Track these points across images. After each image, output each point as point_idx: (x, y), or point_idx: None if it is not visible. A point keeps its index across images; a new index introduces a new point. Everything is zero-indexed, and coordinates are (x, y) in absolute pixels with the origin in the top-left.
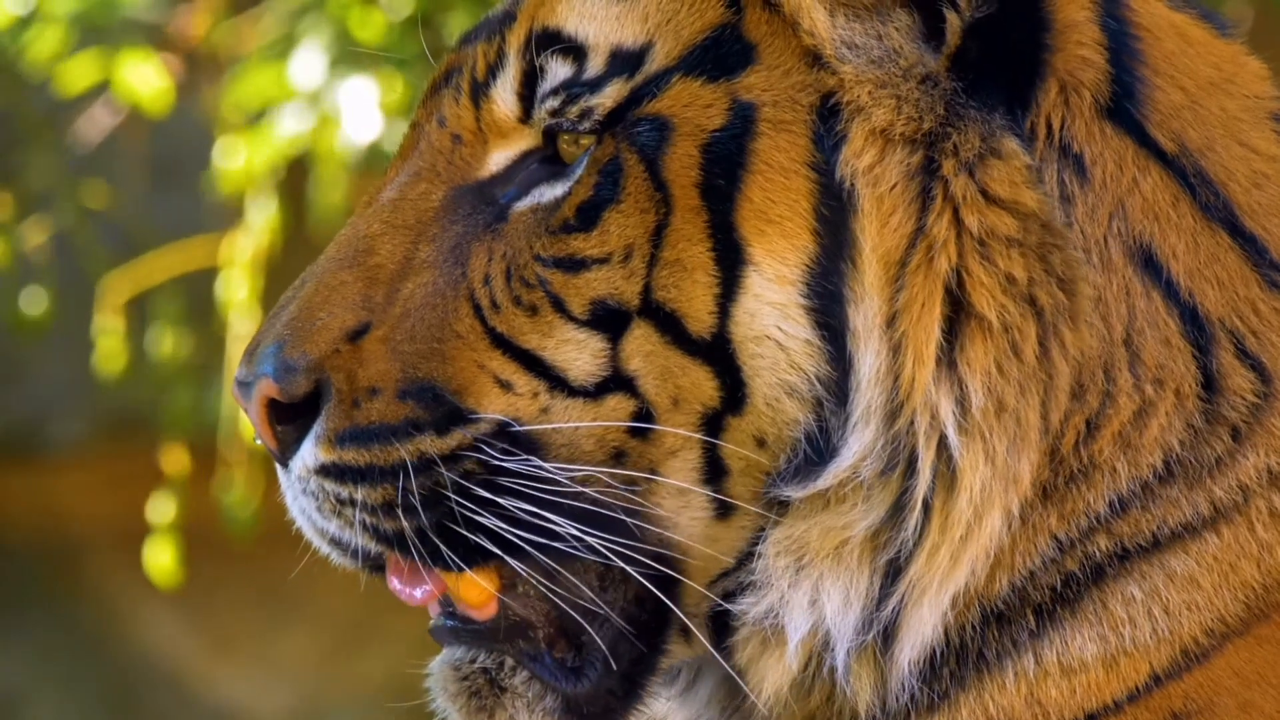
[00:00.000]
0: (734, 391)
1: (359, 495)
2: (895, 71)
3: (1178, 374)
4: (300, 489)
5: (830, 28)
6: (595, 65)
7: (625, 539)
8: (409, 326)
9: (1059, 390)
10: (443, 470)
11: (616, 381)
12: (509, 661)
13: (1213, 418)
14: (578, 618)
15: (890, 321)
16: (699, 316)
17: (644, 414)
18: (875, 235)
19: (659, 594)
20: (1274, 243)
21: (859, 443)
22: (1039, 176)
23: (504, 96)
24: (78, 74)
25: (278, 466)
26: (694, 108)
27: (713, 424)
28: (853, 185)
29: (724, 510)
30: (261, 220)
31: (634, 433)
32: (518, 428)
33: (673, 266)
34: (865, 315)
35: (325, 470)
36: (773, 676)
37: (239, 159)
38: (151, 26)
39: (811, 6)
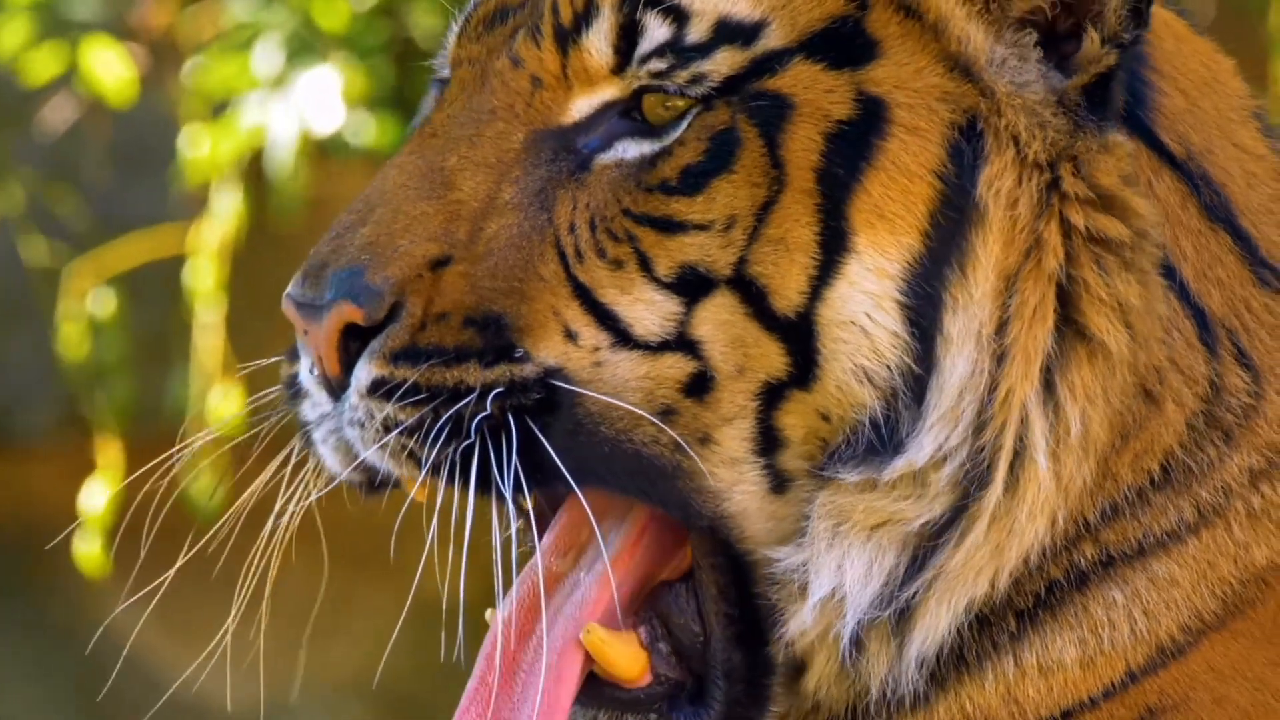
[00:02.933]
0: (805, 369)
1: (400, 415)
2: (1037, 92)
3: (1198, 377)
4: (349, 419)
5: (985, 41)
6: (699, 31)
7: (680, 507)
8: (492, 264)
9: (1127, 409)
10: (477, 402)
11: (680, 343)
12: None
13: (1211, 420)
14: (690, 643)
15: (1000, 329)
16: (788, 295)
17: (702, 377)
18: (999, 251)
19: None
20: (1264, 241)
21: (933, 444)
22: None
23: (598, 46)
24: (42, 64)
25: (315, 390)
26: (815, 92)
27: (774, 395)
28: (987, 204)
29: (779, 484)
30: (227, 209)
31: (688, 392)
32: (562, 375)
33: (775, 244)
34: (963, 323)
35: (375, 387)
36: (794, 625)
37: (204, 148)
38: (115, 16)
39: (964, 16)
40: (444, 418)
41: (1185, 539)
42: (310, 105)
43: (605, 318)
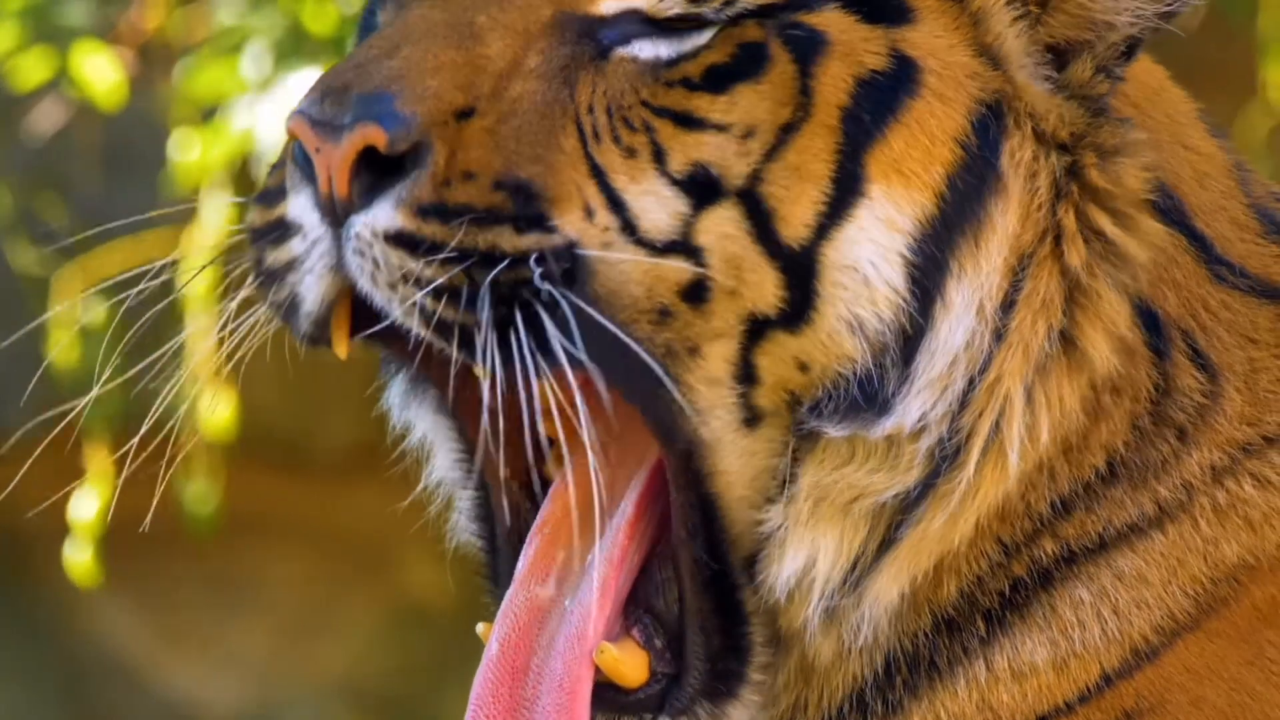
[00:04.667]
0: (799, 308)
1: (428, 273)
2: (1056, 81)
3: (1136, 382)
4: (354, 248)
5: (1017, 43)
6: None
7: (662, 421)
8: (516, 126)
9: (1082, 416)
10: (508, 269)
11: (684, 247)
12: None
13: (1160, 419)
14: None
15: (1004, 308)
16: (795, 225)
17: (700, 286)
18: (1016, 225)
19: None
20: (1219, 238)
21: (919, 409)
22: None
23: None
24: (31, 69)
25: (310, 221)
26: (851, 38)
27: (758, 330)
28: (1007, 173)
29: (752, 418)
30: (217, 213)
31: (685, 297)
32: (581, 251)
33: (790, 170)
34: (968, 292)
35: (398, 238)
36: (772, 585)
37: (194, 152)
38: (103, 20)
39: (1001, 11)
40: (478, 282)
41: (1149, 534)
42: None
43: (616, 204)
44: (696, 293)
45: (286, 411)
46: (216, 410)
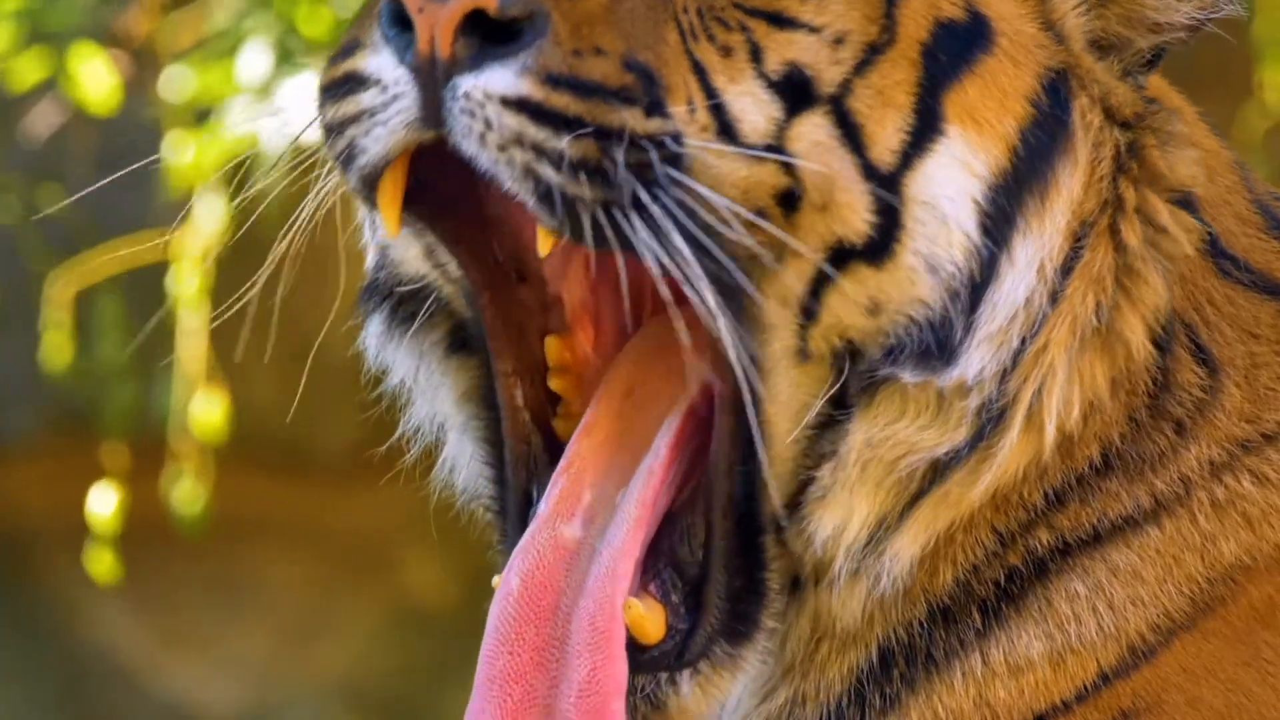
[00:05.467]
0: (883, 238)
1: (557, 144)
2: (1119, 60)
3: (1135, 374)
4: (461, 108)
5: (1077, 21)
6: None
7: (732, 329)
8: (629, 9)
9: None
10: (636, 150)
11: (778, 153)
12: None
13: (1158, 413)
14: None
15: (1063, 272)
16: (881, 148)
17: (792, 195)
18: (1079, 190)
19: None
20: (1224, 232)
21: (979, 362)
22: None
23: None
24: (27, 71)
25: (392, 77)
26: None
27: (842, 257)
28: (1077, 134)
29: (804, 353)
30: (210, 215)
31: (777, 204)
32: (688, 143)
33: (875, 92)
34: (1032, 250)
35: (522, 104)
36: (816, 537)
37: (188, 155)
38: (98, 23)
39: (1072, 6)
40: (611, 158)
41: (1144, 528)
42: (294, 112)
43: (716, 103)
44: (789, 200)
45: (285, 414)
46: (210, 411)
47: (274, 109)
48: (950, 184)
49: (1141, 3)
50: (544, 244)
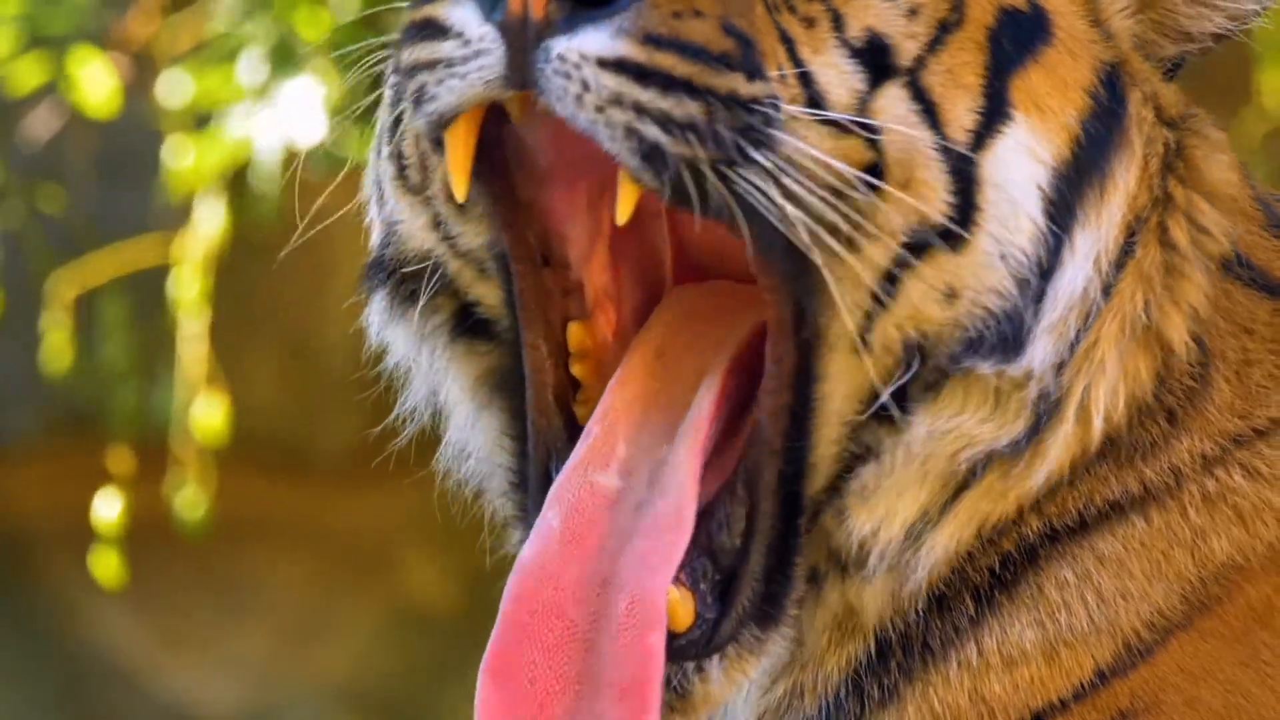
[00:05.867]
0: (961, 220)
1: (664, 105)
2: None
3: (1178, 372)
4: (555, 69)
5: (1123, 23)
6: None
7: (796, 306)
8: None
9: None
10: (743, 113)
11: (862, 126)
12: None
13: (1153, 400)
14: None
15: (1116, 266)
16: (956, 127)
17: (874, 169)
18: (1134, 185)
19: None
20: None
21: (1042, 352)
22: None
23: None
24: (27, 75)
25: (475, 32)
26: None
27: (921, 243)
28: (1133, 127)
29: (867, 340)
30: (210, 219)
31: (860, 179)
32: (782, 109)
33: (947, 71)
34: (1090, 242)
35: (622, 65)
36: (857, 528)
37: (188, 159)
38: (98, 26)
39: (1120, 8)
40: (715, 120)
41: (1130, 517)
42: (293, 117)
43: (803, 73)
44: (872, 174)
45: (286, 415)
46: (211, 414)
47: (273, 112)
48: (1019, 169)
49: (1176, 10)
50: (624, 208)
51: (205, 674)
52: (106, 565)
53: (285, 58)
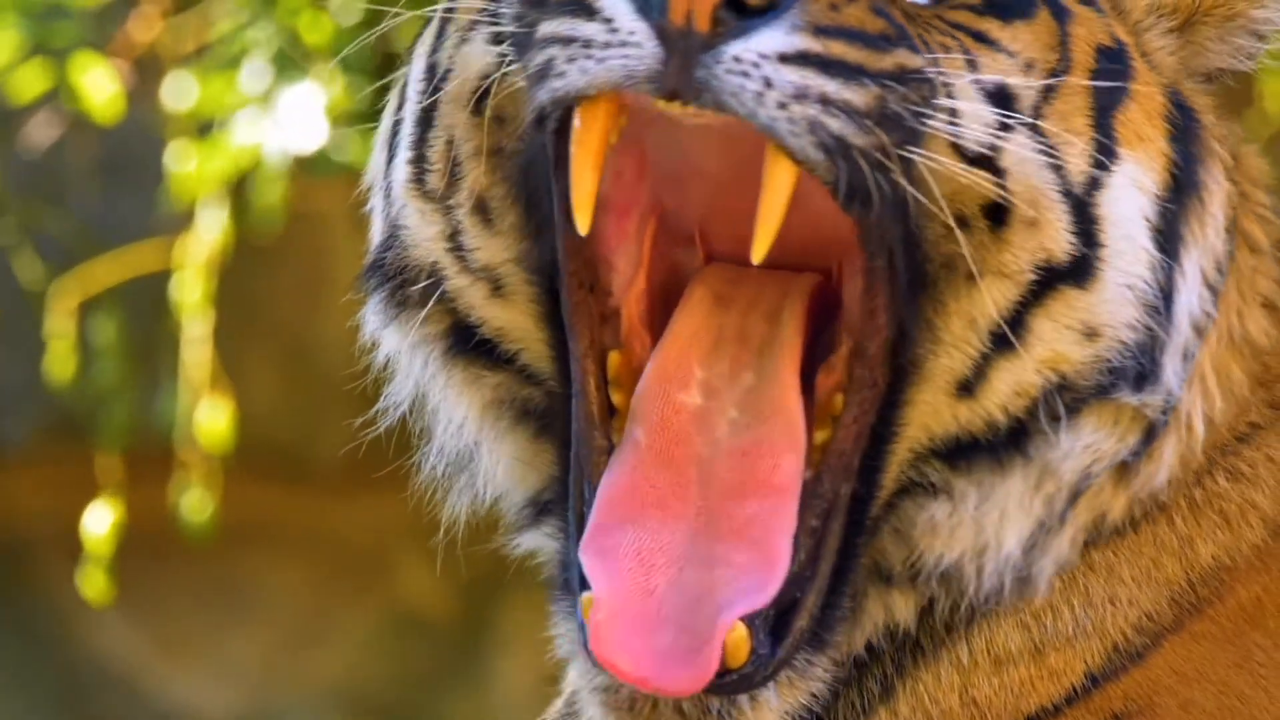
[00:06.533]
0: (1086, 260)
1: (847, 94)
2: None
3: (1270, 368)
4: (727, 70)
5: (1169, 57)
6: None
7: (899, 327)
8: None
9: None
10: (917, 86)
11: (990, 162)
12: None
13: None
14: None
15: (1219, 272)
16: (1073, 170)
17: (1000, 208)
18: (1225, 185)
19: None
20: None
21: (1175, 374)
22: None
23: None
24: (29, 81)
25: (629, 25)
26: (1083, 12)
27: (1048, 280)
28: (1211, 143)
29: (969, 388)
30: (213, 224)
31: (986, 213)
32: (941, 86)
33: (1061, 117)
34: (1196, 259)
35: (801, 57)
36: (960, 554)
37: (190, 164)
38: (99, 32)
39: (1155, 25)
40: (889, 104)
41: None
42: (294, 123)
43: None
44: (997, 214)
45: (284, 421)
46: (214, 419)
47: (275, 118)
48: (1130, 203)
49: (1206, 50)
50: (761, 247)
51: (203, 679)
52: (94, 584)
53: (288, 63)
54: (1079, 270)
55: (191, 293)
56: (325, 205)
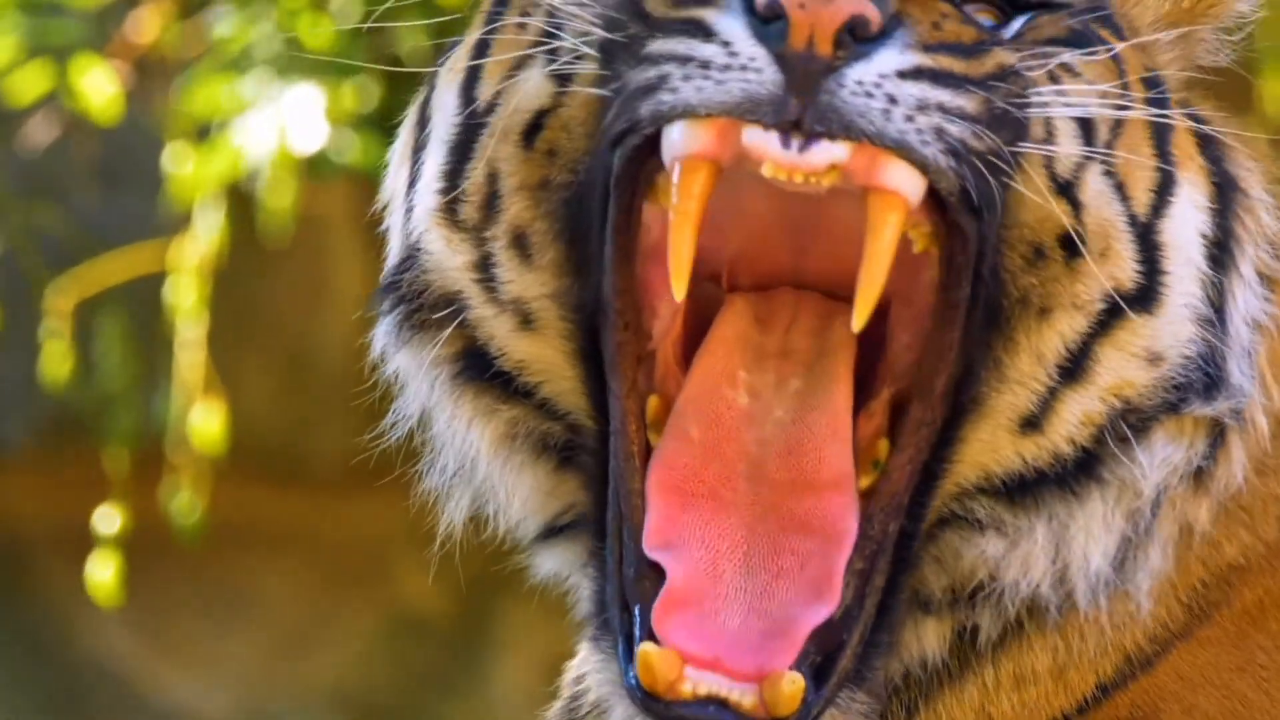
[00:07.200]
0: (1150, 287)
1: (960, 101)
2: None
3: None
4: (851, 92)
5: (1175, 65)
6: None
7: (970, 354)
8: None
9: None
10: (1015, 80)
11: (1068, 193)
12: None
13: None
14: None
15: (1273, 252)
16: (1139, 202)
17: (1072, 241)
18: (1255, 177)
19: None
20: None
21: (1240, 376)
22: None
23: None
24: (29, 83)
25: (748, 50)
26: (1125, 51)
27: (1115, 310)
28: (1231, 144)
29: (1034, 422)
30: (210, 227)
31: (1062, 244)
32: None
33: (1128, 148)
34: (1248, 254)
35: (919, 73)
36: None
37: (188, 166)
38: (99, 34)
39: (1163, 47)
40: (995, 106)
41: None
42: (294, 124)
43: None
44: (1071, 245)
45: (280, 423)
46: (208, 422)
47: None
48: (1189, 226)
49: (1196, 50)
50: (870, 294)
51: (201, 681)
52: (103, 585)
53: (288, 66)
54: (1145, 297)
55: (186, 296)
56: (323, 208)
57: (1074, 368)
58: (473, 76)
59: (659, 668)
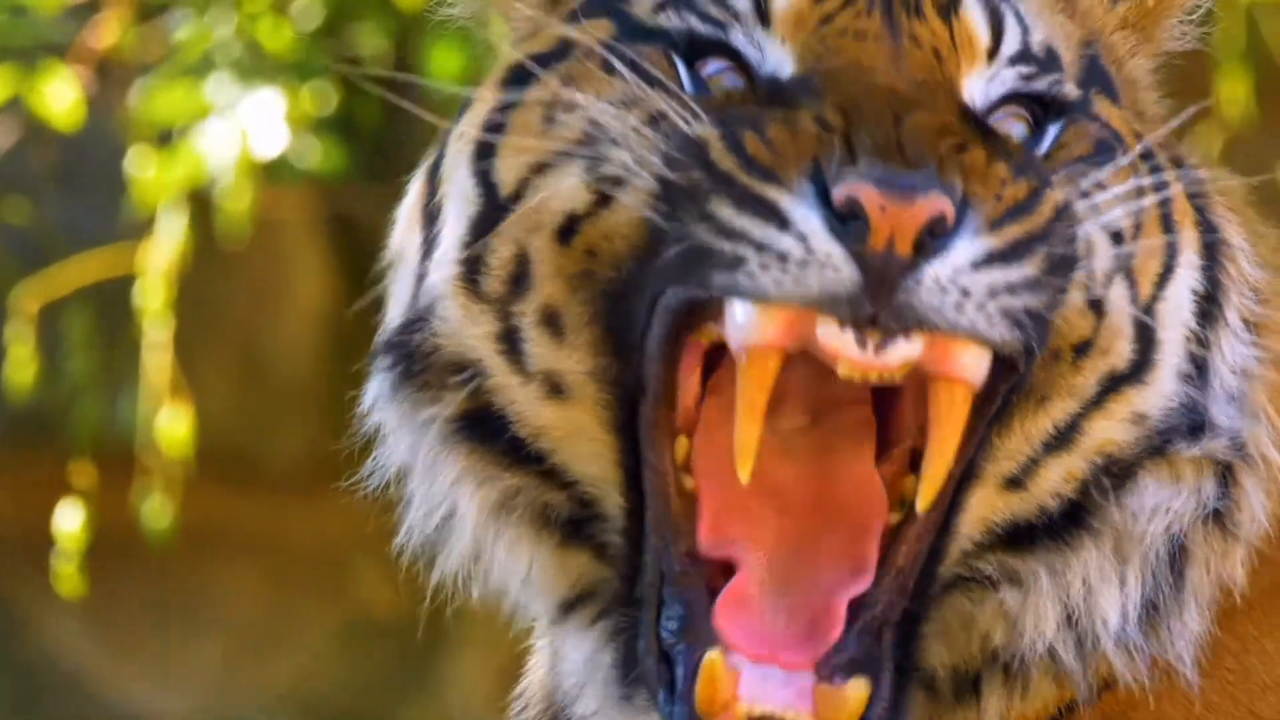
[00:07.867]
0: (1144, 360)
1: (1026, 270)
2: None
3: None
4: (928, 289)
5: (1156, 108)
6: (1037, 45)
7: (970, 429)
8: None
9: None
10: (1064, 219)
11: (1097, 308)
12: None
13: None
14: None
15: (1256, 298)
16: (1143, 290)
17: (1087, 344)
18: (1233, 225)
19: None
20: None
21: (1226, 420)
22: None
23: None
24: None
25: (823, 247)
26: (1121, 125)
27: (1109, 388)
28: (1210, 190)
29: (1017, 482)
30: (173, 231)
31: (1076, 350)
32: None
33: (1145, 236)
34: (1233, 303)
35: (990, 258)
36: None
37: (150, 171)
38: (60, 39)
39: (1150, 90)
40: (1055, 249)
41: None
42: (255, 129)
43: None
44: (1083, 348)
45: (239, 426)
46: (175, 425)
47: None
48: (1185, 291)
49: (1158, 45)
50: (937, 477)
51: (160, 684)
52: (68, 579)
53: (249, 70)
54: (1138, 371)
55: (153, 299)
56: (284, 212)
57: (1061, 440)
58: (486, 152)
59: (723, 679)
